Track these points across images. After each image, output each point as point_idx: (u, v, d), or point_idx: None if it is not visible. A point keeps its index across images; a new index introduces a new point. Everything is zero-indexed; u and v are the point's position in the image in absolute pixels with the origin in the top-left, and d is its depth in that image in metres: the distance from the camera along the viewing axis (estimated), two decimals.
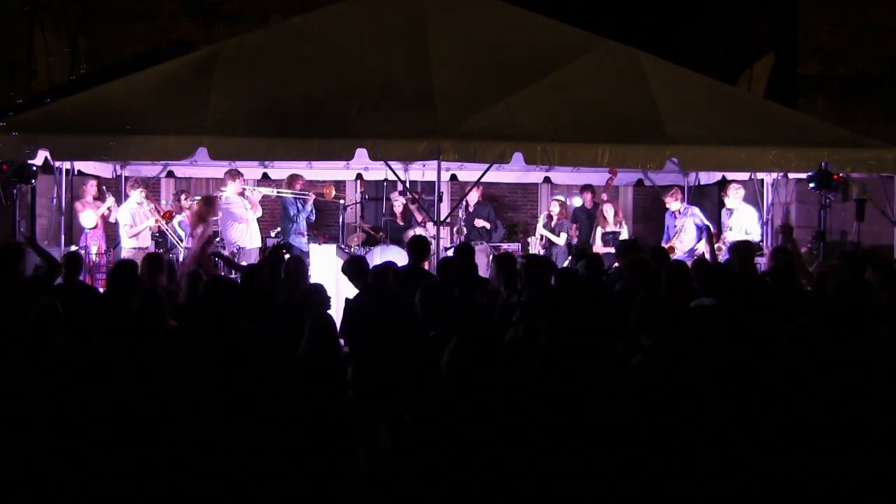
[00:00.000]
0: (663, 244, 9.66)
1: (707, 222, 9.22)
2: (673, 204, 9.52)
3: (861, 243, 8.85)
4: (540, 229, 10.01)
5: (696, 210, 9.44)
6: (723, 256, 8.51)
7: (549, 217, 10.04)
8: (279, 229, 9.68)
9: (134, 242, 8.92)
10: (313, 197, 9.51)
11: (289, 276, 5.91)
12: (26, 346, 4.22)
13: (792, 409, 3.69)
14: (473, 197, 10.14)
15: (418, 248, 6.27)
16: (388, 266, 5.79)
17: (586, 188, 10.46)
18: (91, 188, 9.38)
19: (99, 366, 4.22)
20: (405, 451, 4.17)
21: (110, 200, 9.42)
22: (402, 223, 10.03)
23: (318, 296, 5.22)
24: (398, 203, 10.22)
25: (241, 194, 9.26)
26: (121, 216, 9.01)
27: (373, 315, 5.16)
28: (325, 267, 8.52)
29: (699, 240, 9.02)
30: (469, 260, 6.05)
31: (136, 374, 4.16)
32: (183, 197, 9.71)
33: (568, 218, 10.00)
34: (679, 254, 9.06)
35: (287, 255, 6.60)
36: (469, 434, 3.27)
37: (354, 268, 5.68)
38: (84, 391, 4.17)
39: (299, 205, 9.38)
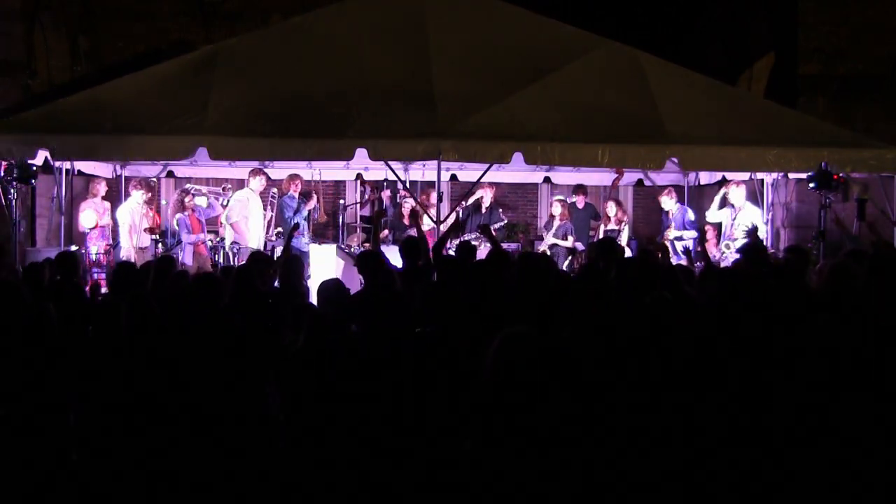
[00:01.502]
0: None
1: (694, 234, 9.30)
2: (667, 202, 9.56)
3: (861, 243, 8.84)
4: (549, 238, 9.86)
5: (690, 213, 9.46)
6: (725, 256, 8.56)
7: (552, 217, 10.01)
8: (279, 229, 9.69)
9: (133, 241, 8.93)
10: (314, 201, 9.53)
11: (282, 275, 5.86)
12: (19, 346, 4.23)
13: (793, 411, 3.69)
14: (487, 199, 9.95)
15: (411, 249, 6.28)
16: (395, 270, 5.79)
17: (579, 189, 10.44)
18: (101, 188, 9.35)
19: (95, 366, 4.22)
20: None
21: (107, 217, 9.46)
22: (408, 223, 9.97)
23: (331, 293, 5.18)
24: (406, 204, 10.15)
25: (263, 193, 9.41)
26: (120, 216, 9.01)
27: (369, 314, 5.14)
28: (326, 267, 8.53)
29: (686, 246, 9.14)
30: (471, 258, 6.06)
31: (132, 374, 4.17)
32: (188, 199, 9.68)
33: (570, 219, 9.97)
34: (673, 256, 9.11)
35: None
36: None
37: (368, 263, 5.65)
38: (81, 390, 4.18)
39: (295, 206, 9.42)
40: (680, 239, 9.29)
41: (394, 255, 6.53)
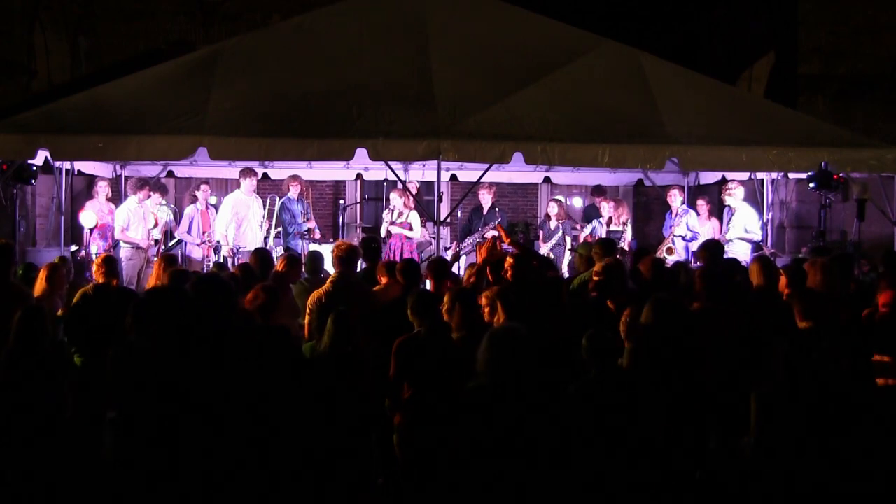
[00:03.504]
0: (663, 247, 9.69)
1: (696, 230, 9.27)
2: (676, 198, 9.57)
3: (862, 242, 8.84)
4: (545, 247, 9.77)
5: (693, 216, 9.45)
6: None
7: (548, 217, 10.00)
8: (279, 230, 9.69)
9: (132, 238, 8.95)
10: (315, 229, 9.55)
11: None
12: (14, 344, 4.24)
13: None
14: (487, 200, 9.75)
15: (370, 250, 6.30)
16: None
17: (598, 190, 10.43)
18: (103, 189, 9.34)
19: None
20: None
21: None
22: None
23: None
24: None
25: (258, 193, 9.44)
26: (118, 215, 9.02)
27: None
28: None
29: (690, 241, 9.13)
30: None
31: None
32: (200, 193, 9.64)
33: (567, 219, 9.95)
34: (677, 254, 9.10)
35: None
36: None
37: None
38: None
39: (293, 209, 9.42)
40: (684, 238, 9.28)
41: None
